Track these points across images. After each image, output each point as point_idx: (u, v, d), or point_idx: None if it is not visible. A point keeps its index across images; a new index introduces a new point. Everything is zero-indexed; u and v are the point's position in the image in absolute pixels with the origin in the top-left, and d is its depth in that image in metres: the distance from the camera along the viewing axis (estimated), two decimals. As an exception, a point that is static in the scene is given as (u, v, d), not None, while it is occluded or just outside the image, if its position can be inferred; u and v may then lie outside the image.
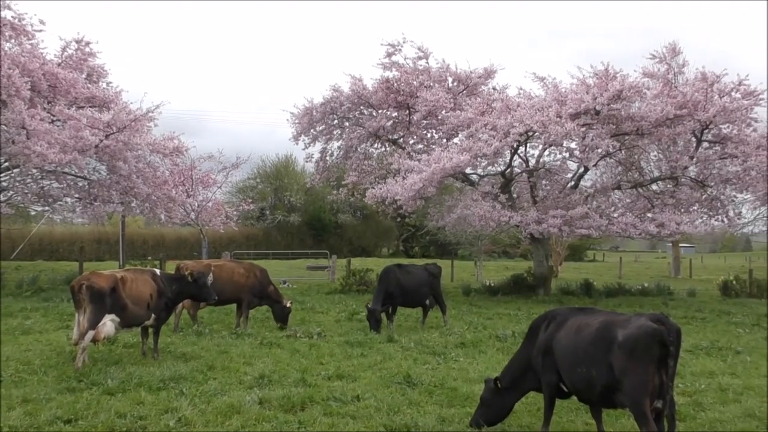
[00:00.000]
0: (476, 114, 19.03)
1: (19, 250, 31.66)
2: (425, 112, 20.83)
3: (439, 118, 21.03)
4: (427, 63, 21.72)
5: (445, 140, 21.31)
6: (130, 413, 6.48)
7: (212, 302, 10.54)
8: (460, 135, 20.40)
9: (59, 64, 19.67)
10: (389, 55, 21.64)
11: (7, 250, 30.81)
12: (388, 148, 23.48)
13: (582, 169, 20.34)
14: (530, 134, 18.43)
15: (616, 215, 19.79)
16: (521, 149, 19.99)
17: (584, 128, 17.93)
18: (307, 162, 25.64)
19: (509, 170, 20.45)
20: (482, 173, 21.35)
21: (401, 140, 22.77)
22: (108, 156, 18.41)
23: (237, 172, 27.07)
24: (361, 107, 22.60)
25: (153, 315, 9.10)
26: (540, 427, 6.18)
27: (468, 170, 20.39)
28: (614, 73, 18.49)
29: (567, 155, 19.62)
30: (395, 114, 22.51)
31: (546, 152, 20.08)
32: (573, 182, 20.85)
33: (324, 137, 23.52)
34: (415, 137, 22.44)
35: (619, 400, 5.38)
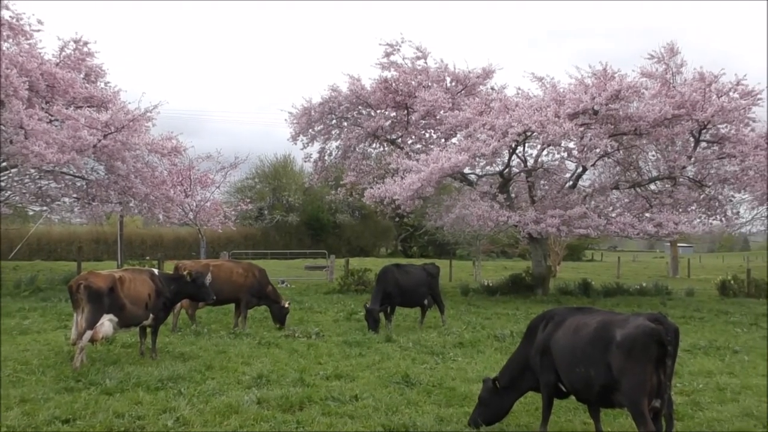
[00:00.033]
0: (474, 114, 19.02)
1: (17, 250, 31.62)
2: (423, 112, 20.83)
3: (438, 118, 21.02)
4: (426, 63, 21.72)
5: (444, 140, 21.31)
6: (128, 413, 6.48)
7: (211, 302, 10.55)
8: (459, 135, 20.42)
9: (57, 64, 19.64)
10: (387, 55, 21.63)
11: (5, 250, 30.76)
12: (387, 148, 23.46)
13: (580, 169, 20.35)
14: (528, 134, 18.42)
15: (615, 215, 19.80)
16: (519, 149, 19.98)
17: (582, 128, 17.95)
18: (306, 162, 25.71)
19: (507, 170, 20.46)
20: (480, 173, 21.35)
21: (399, 140, 22.77)
22: (106, 156, 18.39)
23: (235, 172, 27.12)
24: (360, 107, 22.58)
25: (151, 315, 9.10)
26: (538, 427, 6.19)
27: (466, 170, 20.40)
28: (612, 73, 18.51)
29: (565, 155, 19.65)
30: (393, 114, 22.50)
31: (544, 152, 20.11)
32: (571, 182, 20.85)
33: (322, 137, 23.52)
34: (414, 137, 22.42)
35: (618, 400, 5.39)
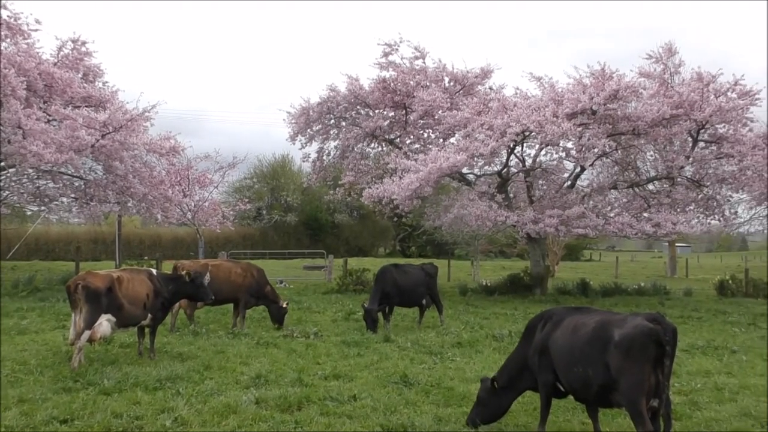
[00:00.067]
0: (473, 114, 19.02)
1: (15, 250, 31.57)
2: (422, 112, 20.82)
3: (436, 118, 21.01)
4: (424, 63, 21.71)
5: (442, 140, 21.31)
6: (127, 413, 6.47)
7: (209, 302, 10.55)
8: (457, 135, 20.43)
9: (55, 64, 19.60)
10: (386, 55, 21.61)
11: (3, 250, 30.69)
12: (385, 148, 23.46)
13: (578, 169, 20.36)
14: (527, 134, 18.42)
15: (613, 215, 19.82)
16: (518, 149, 19.99)
17: (581, 128, 17.96)
18: (304, 162, 25.69)
19: (506, 170, 20.47)
20: (479, 173, 21.36)
21: (398, 140, 22.77)
22: (104, 156, 18.37)
23: (233, 172, 27.04)
24: (358, 107, 22.58)
25: (149, 315, 9.09)
26: (536, 427, 6.19)
27: (465, 170, 20.40)
28: (611, 73, 18.52)
29: (563, 155, 19.64)
30: (392, 114, 22.50)
31: (542, 152, 20.07)
32: (569, 182, 20.86)
33: (321, 137, 23.52)
34: (412, 137, 22.42)
35: (616, 400, 5.39)
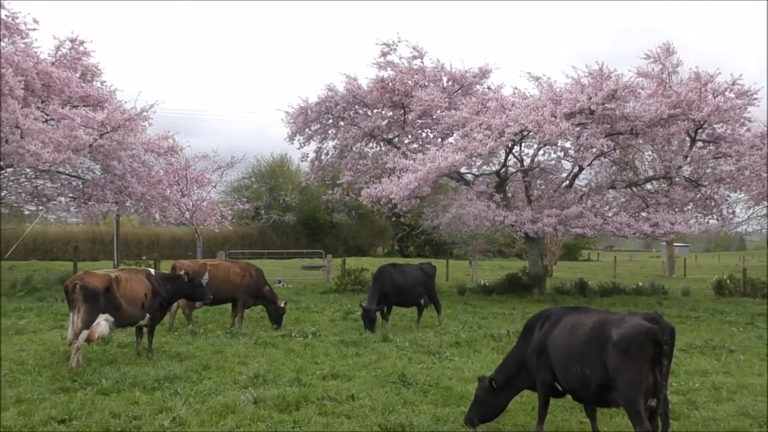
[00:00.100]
0: (471, 113, 19.04)
1: (13, 250, 31.48)
2: (420, 112, 20.83)
3: (434, 118, 21.02)
4: (422, 62, 21.72)
5: (440, 140, 21.32)
6: (125, 413, 6.47)
7: (208, 302, 10.54)
8: (455, 134, 20.44)
9: (53, 63, 19.56)
10: (384, 55, 21.61)
11: (2, 250, 30.63)
12: (383, 148, 23.46)
13: (577, 169, 20.38)
14: (525, 134, 18.44)
15: (611, 215, 19.85)
16: (516, 149, 20.02)
17: (579, 128, 17.97)
18: (302, 161, 25.72)
19: (504, 170, 20.48)
20: (477, 173, 21.38)
21: (396, 140, 22.77)
22: (102, 155, 18.34)
23: (232, 172, 27.00)
24: (356, 107, 22.58)
25: (147, 315, 9.08)
26: (534, 426, 6.19)
27: (463, 169, 20.42)
28: (609, 73, 18.53)
29: (562, 155, 19.65)
30: (390, 113, 22.50)
31: (541, 152, 20.13)
32: (568, 182, 20.89)
33: (319, 137, 23.52)
34: (410, 137, 22.44)
35: (614, 399, 5.40)
